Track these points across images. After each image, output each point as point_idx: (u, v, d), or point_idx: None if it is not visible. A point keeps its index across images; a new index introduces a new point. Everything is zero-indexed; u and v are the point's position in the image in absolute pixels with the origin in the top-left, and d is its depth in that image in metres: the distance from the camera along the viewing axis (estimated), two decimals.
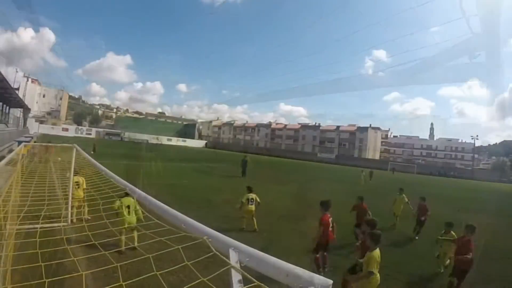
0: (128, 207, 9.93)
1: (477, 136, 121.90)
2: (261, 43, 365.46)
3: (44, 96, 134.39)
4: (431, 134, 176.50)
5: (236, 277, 1.63)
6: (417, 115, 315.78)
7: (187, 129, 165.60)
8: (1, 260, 4.90)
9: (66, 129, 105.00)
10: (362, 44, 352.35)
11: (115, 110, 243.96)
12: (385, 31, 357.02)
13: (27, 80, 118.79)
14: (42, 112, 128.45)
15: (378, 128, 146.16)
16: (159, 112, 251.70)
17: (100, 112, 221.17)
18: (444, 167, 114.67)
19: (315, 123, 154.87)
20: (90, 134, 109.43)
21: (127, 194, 12.20)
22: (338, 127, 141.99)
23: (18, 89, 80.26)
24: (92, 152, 33.73)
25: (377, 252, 6.45)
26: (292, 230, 13.86)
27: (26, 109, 76.10)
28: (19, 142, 19.09)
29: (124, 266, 7.14)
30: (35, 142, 29.29)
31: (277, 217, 16.19)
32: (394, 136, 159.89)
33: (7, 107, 59.60)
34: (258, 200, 13.59)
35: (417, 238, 14.88)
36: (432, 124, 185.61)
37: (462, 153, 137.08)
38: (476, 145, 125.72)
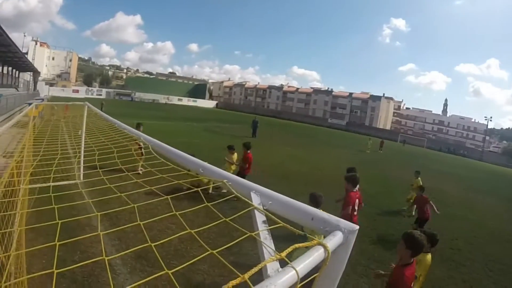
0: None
1: (491, 117, 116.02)
2: (276, 4, 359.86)
3: (53, 59, 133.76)
4: (445, 110, 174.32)
5: (260, 218, 1.57)
6: (432, 89, 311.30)
7: (198, 89, 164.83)
8: (16, 217, 4.93)
9: (77, 91, 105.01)
10: (381, 11, 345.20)
11: (125, 70, 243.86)
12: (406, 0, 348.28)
13: (36, 44, 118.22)
14: (52, 75, 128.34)
15: (391, 98, 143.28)
16: (170, 72, 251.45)
17: (110, 73, 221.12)
18: (454, 145, 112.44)
19: (328, 88, 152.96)
20: (100, 95, 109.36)
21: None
22: (350, 93, 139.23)
23: (27, 53, 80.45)
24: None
25: None
26: (301, 192, 13.96)
27: (36, 73, 76.20)
28: (30, 104, 19.11)
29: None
30: (49, 101, 29.39)
31: (287, 178, 16.30)
32: (406, 108, 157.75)
33: (17, 72, 59.76)
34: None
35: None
36: (446, 100, 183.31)
37: (474, 133, 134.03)
38: (489, 126, 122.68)
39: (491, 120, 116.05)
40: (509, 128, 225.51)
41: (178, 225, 7.70)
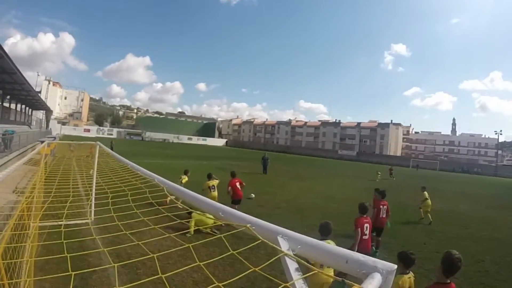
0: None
1: (501, 131, 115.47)
2: (279, 41, 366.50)
3: (65, 98, 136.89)
4: (454, 130, 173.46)
5: (292, 265, 1.43)
6: (438, 110, 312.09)
7: (207, 127, 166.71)
8: (25, 254, 4.82)
9: (88, 130, 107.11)
10: (381, 38, 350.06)
11: (135, 110, 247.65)
12: (404, 25, 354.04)
13: (49, 83, 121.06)
14: (64, 113, 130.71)
15: (400, 124, 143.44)
16: (179, 112, 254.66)
17: (120, 112, 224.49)
18: (467, 164, 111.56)
19: (336, 119, 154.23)
20: (111, 134, 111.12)
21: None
22: (358, 123, 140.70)
23: (40, 92, 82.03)
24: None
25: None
26: (317, 226, 13.69)
27: (48, 111, 77.60)
28: (42, 142, 19.31)
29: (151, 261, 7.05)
30: (60, 140, 29.72)
31: (302, 212, 16.09)
32: (415, 132, 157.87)
33: (30, 110, 60.83)
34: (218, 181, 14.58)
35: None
36: (454, 119, 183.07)
37: (486, 149, 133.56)
38: (500, 140, 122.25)
39: (501, 134, 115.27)
40: None
41: (192, 267, 7.52)
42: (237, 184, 13.97)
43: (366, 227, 8.46)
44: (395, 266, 1.27)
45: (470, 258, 11.13)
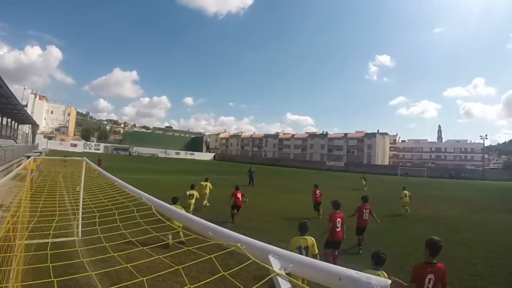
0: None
1: (486, 135, 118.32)
2: (265, 55, 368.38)
3: (52, 112, 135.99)
4: (439, 137, 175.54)
5: (285, 285, 1.42)
6: (424, 118, 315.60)
7: (195, 142, 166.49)
8: (11, 274, 4.74)
9: (75, 145, 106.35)
10: (365, 50, 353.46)
11: (122, 125, 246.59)
12: (387, 36, 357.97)
13: (35, 97, 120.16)
14: (50, 128, 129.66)
15: (386, 134, 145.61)
16: (167, 126, 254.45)
17: (107, 127, 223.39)
18: (455, 169, 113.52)
19: (323, 131, 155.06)
20: (98, 149, 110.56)
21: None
22: (345, 134, 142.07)
23: (26, 106, 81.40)
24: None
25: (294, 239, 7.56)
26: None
27: (35, 125, 76.93)
28: (28, 157, 19.10)
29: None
30: (47, 155, 29.35)
31: (293, 225, 16.05)
32: (402, 141, 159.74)
33: (16, 124, 60.22)
34: (197, 195, 16.75)
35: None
36: (439, 126, 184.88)
37: (472, 153, 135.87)
38: (486, 144, 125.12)
39: (486, 138, 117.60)
40: (505, 142, 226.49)
41: (183, 284, 7.45)
42: (238, 195, 16.59)
43: (339, 221, 9.94)
44: (389, 282, 1.27)
45: (463, 262, 11.16)
